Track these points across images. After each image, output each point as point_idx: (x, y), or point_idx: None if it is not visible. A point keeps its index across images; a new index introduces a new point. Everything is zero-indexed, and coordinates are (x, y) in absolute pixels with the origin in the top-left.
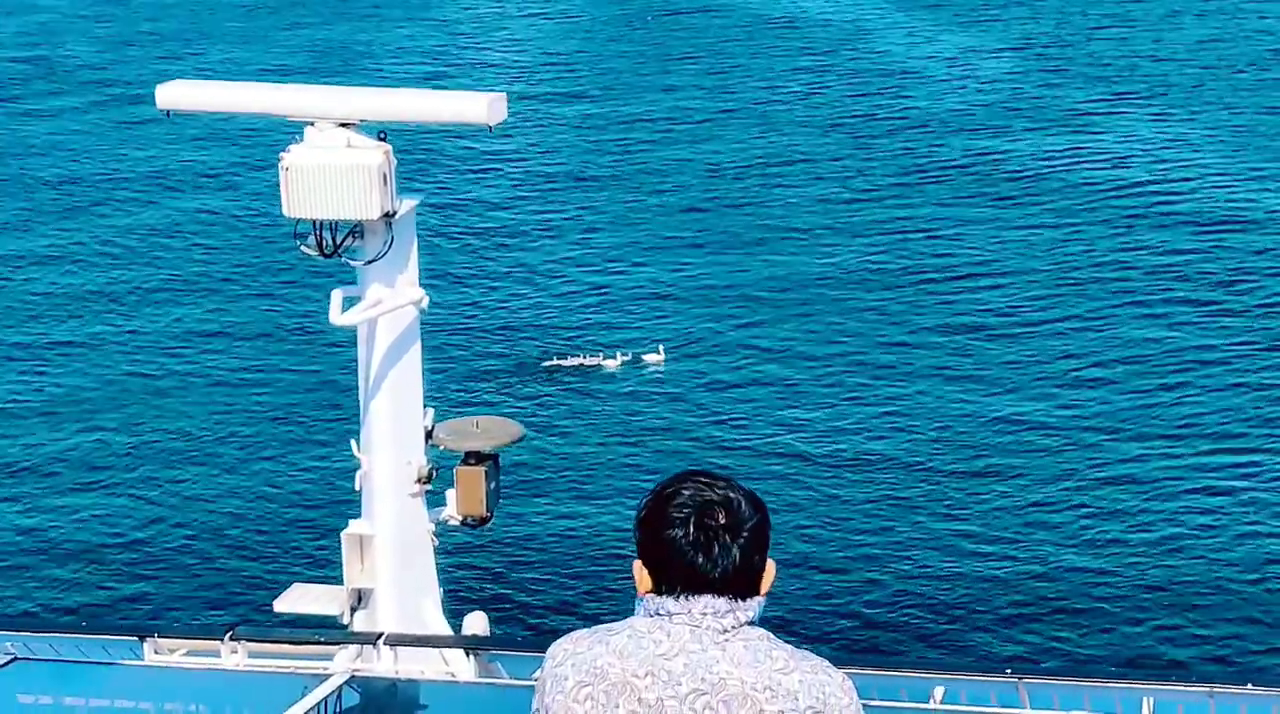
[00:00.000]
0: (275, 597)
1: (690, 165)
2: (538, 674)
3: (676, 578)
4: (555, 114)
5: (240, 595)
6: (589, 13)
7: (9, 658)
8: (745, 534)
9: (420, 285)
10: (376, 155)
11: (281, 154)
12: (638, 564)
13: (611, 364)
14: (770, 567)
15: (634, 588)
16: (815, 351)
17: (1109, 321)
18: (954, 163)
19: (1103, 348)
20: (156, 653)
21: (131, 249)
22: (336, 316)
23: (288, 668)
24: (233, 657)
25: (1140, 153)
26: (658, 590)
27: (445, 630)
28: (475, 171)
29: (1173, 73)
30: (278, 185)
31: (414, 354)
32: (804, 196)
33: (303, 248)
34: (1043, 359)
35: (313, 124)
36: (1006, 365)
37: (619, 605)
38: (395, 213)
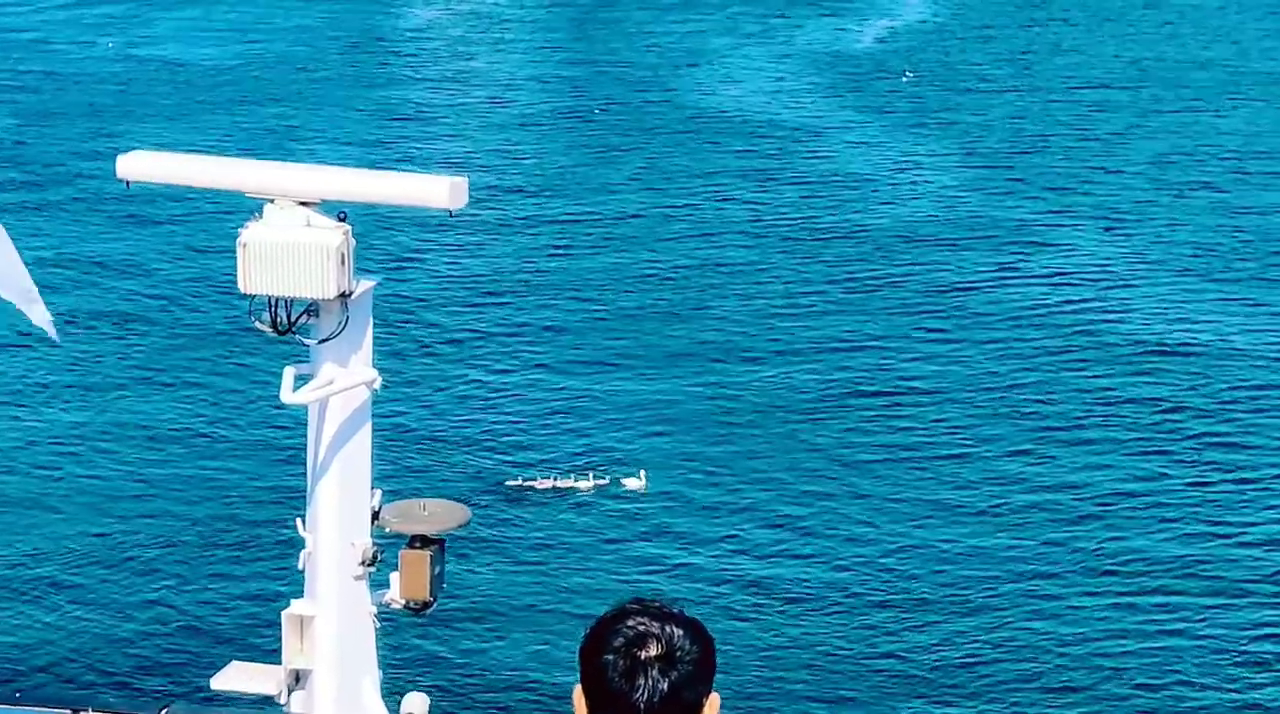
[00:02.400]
0: (213, 673)
1: (631, 269)
2: None
3: (606, 705)
4: (498, 209)
5: (177, 671)
6: (531, 102)
7: None
8: (679, 668)
9: (373, 366)
10: (336, 235)
11: (240, 230)
12: (577, 690)
13: (585, 485)
14: (713, 699)
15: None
16: (760, 470)
17: (1044, 447)
18: (897, 278)
19: (1036, 474)
20: None
21: (74, 319)
22: (288, 395)
23: None
24: None
25: (1084, 271)
26: None
27: None
28: (425, 257)
29: (1122, 190)
30: (234, 260)
31: (364, 435)
32: (746, 309)
33: (257, 324)
34: (982, 482)
35: (273, 201)
36: (953, 488)
37: (558, 699)
38: (352, 293)
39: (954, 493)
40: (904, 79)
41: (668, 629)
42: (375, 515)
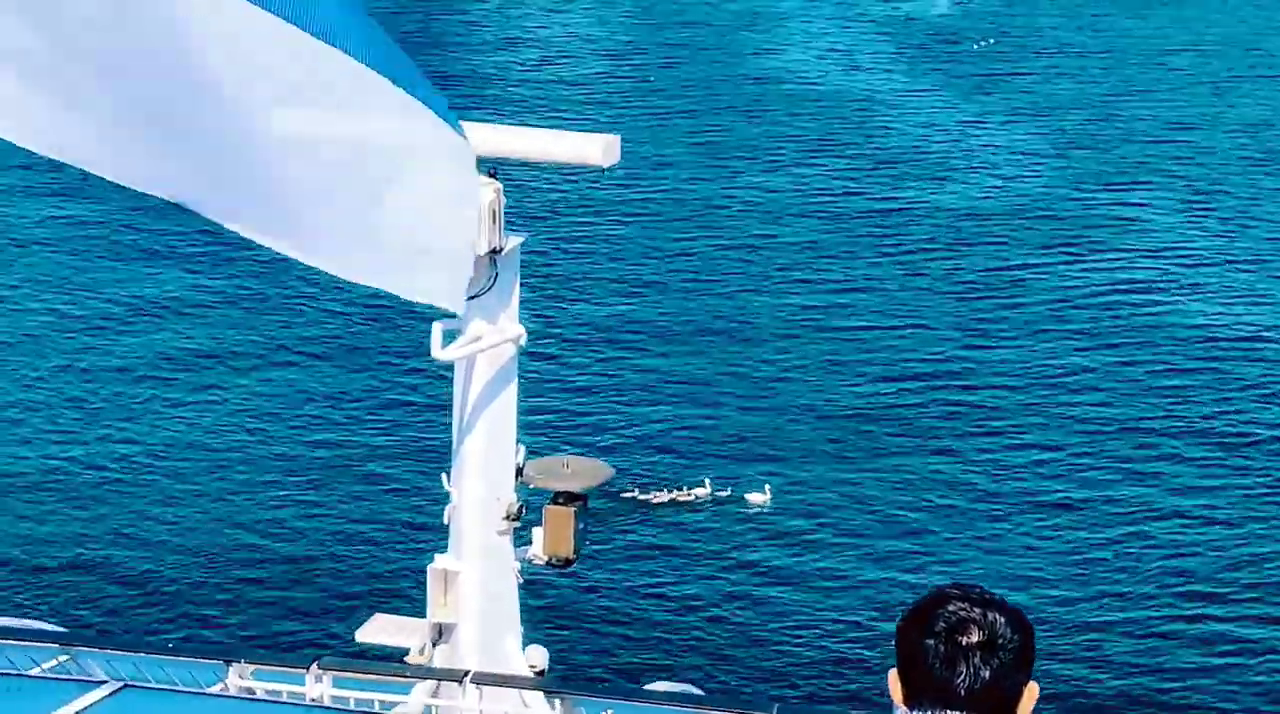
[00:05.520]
0: (357, 626)
1: (697, 248)
2: None
3: (924, 691)
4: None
5: (326, 623)
6: (589, 66)
7: (120, 685)
8: (999, 655)
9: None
10: (488, 192)
11: None
12: (893, 673)
13: (702, 493)
14: (1032, 689)
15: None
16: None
17: (1110, 447)
18: (963, 260)
19: (1103, 474)
20: (241, 678)
21: (226, 271)
22: (438, 351)
23: (369, 699)
24: (317, 685)
25: (1162, 255)
26: (909, 703)
27: (525, 669)
28: (574, 214)
29: (1205, 166)
30: None
31: (510, 391)
32: (808, 294)
33: None
34: (1058, 480)
35: None
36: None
37: (690, 658)
38: (502, 249)
39: (1026, 494)
40: (977, 46)
41: (989, 615)
42: (519, 472)
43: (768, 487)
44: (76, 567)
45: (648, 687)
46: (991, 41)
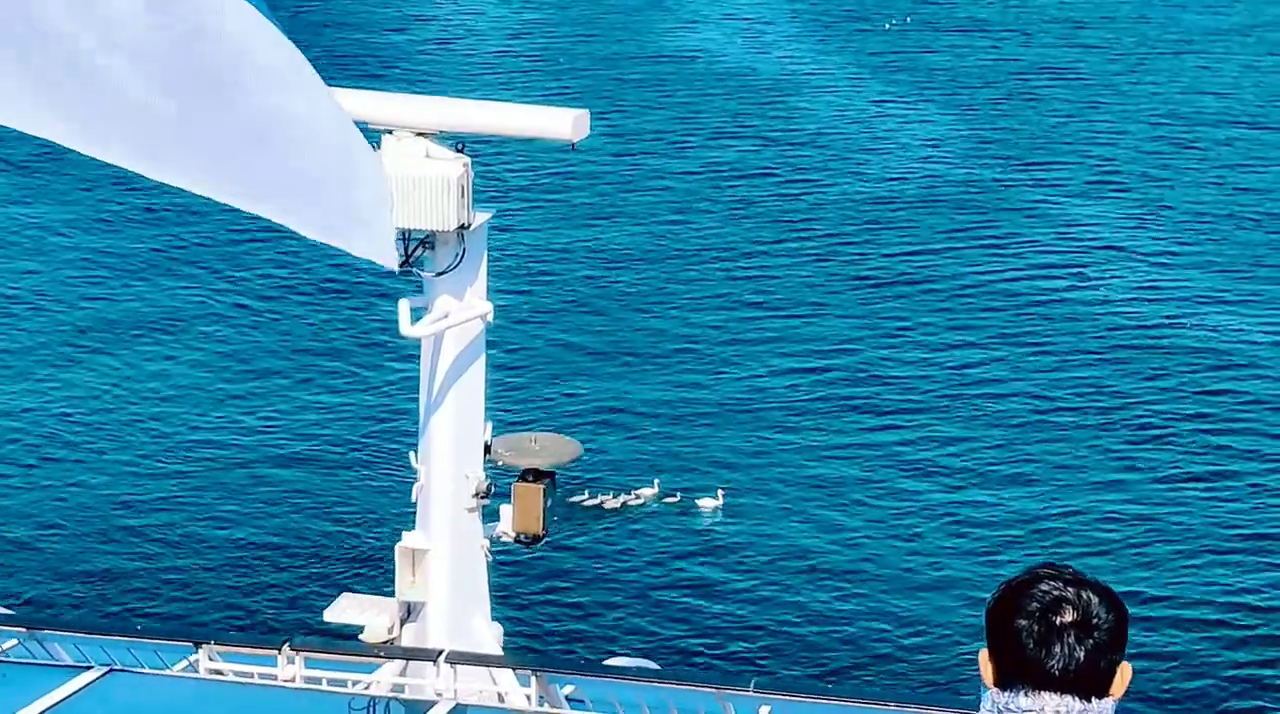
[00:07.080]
0: (325, 605)
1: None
2: None
3: (1018, 672)
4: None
5: (291, 602)
6: (492, 46)
7: (105, 669)
8: (1094, 635)
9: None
10: (456, 167)
11: None
12: (984, 654)
13: (647, 493)
14: (1125, 669)
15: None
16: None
17: (1012, 434)
18: (872, 250)
19: (1004, 469)
20: (210, 660)
21: (194, 258)
22: (406, 328)
23: (341, 679)
24: (289, 667)
25: (1070, 241)
26: (1001, 684)
27: (495, 647)
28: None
29: (1117, 147)
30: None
31: (478, 367)
32: (717, 290)
33: None
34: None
35: (391, 132)
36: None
37: (659, 635)
38: (470, 225)
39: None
40: (890, 25)
41: (1083, 595)
42: (487, 448)
43: (720, 490)
44: (32, 549)
45: (605, 662)
46: (908, 20)
